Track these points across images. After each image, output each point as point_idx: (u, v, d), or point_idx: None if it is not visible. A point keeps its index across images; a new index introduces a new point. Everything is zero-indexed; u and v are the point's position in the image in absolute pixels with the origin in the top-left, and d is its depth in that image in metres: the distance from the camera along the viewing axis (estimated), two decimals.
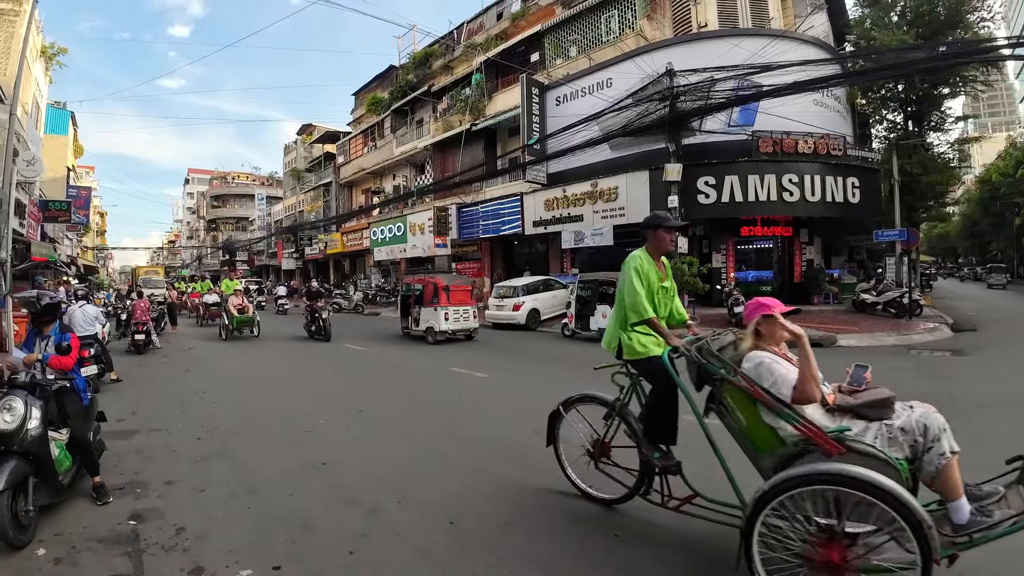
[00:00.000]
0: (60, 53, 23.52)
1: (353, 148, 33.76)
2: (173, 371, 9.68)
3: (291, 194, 45.56)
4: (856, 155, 16.58)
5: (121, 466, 4.61)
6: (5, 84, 13.07)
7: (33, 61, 18.53)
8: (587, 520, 3.47)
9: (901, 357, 9.52)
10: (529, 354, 11.13)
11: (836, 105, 18.02)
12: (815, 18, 18.39)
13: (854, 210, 16.13)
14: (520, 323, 14.95)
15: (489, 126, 22.57)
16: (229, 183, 65.99)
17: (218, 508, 3.77)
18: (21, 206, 14.83)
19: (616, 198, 16.65)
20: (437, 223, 23.21)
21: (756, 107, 14.87)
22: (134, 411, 6.58)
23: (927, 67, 14.84)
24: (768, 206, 15.27)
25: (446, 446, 5.04)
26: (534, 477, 4.14)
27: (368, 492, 3.95)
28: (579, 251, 18.92)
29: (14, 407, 3.43)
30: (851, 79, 15.45)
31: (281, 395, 7.55)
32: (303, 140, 44.35)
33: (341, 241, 33.19)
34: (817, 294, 17.20)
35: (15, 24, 15.27)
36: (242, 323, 14.09)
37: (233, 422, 6.07)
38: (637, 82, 15.13)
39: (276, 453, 4.94)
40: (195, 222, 73.09)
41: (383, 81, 32.92)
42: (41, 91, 22.59)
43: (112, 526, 3.53)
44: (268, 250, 47.71)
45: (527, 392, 7.27)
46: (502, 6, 25.21)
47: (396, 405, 6.77)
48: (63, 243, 28.47)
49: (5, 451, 3.35)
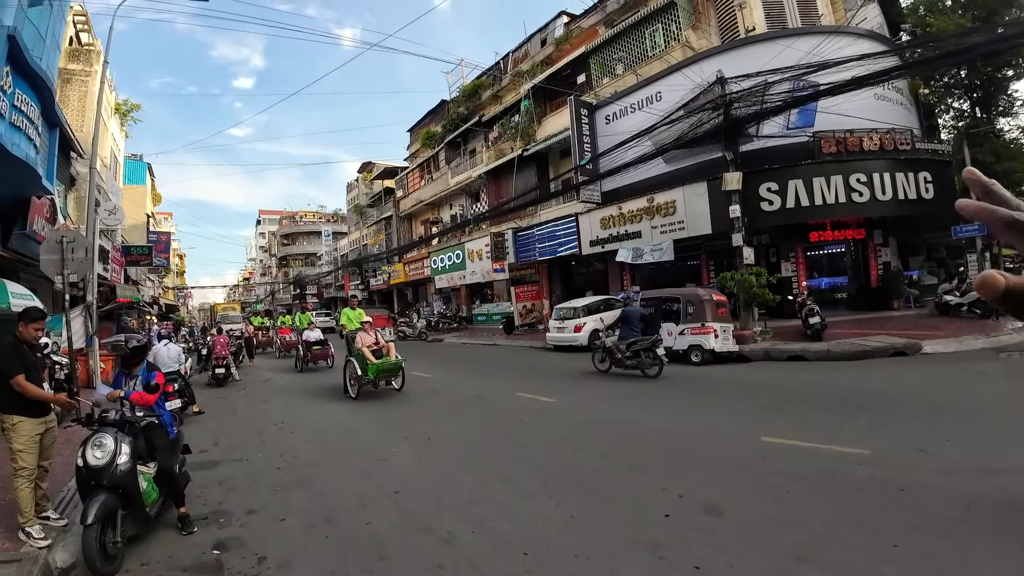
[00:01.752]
0: (134, 109, 25.58)
1: (411, 182, 34.89)
2: (252, 402, 10.13)
3: (355, 229, 47.48)
4: (925, 148, 15.54)
5: (205, 496, 4.82)
6: (83, 140, 14.28)
7: (108, 118, 20.27)
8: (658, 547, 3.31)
9: (991, 361, 8.79)
10: (594, 376, 10.93)
11: (899, 98, 17.03)
12: (867, 10, 17.59)
13: (928, 206, 15.04)
14: (582, 344, 14.74)
15: (540, 150, 22.76)
16: (297, 222, 69.58)
17: (298, 537, 3.85)
18: (105, 252, 16.06)
19: (674, 212, 16.28)
20: (494, 248, 23.46)
21: (815, 107, 14.24)
22: (216, 442, 6.90)
23: (988, 50, 13.94)
24: (837, 208, 14.49)
25: (515, 473, 4.98)
26: (603, 505, 4.01)
27: (441, 520, 3.94)
28: (639, 268, 18.57)
29: (104, 444, 3.66)
30: (911, 69, 14.59)
31: (352, 422, 7.74)
32: (364, 177, 46.28)
33: (403, 271, 34.12)
34: (897, 298, 16.07)
35: (88, 84, 16.74)
36: (384, 372, 9.36)
37: (310, 451, 6.26)
38: (687, 93, 14.86)
39: (351, 481, 5.04)
40: (267, 260, 77.26)
41: (435, 115, 33.99)
42: (118, 145, 24.54)
43: (197, 555, 3.67)
44: (336, 283, 49.68)
45: (593, 416, 7.12)
46: (545, 32, 25.59)
47: (464, 431, 6.79)
48: (145, 284, 30.72)
49: (95, 486, 3.56)
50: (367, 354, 9.18)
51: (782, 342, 12.02)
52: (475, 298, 29.35)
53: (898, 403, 6.67)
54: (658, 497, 4.10)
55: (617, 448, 5.51)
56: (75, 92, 16.83)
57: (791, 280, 16.04)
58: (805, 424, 5.95)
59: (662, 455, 5.21)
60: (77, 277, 9.46)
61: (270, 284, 67.75)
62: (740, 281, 12.92)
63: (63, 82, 16.08)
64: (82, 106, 16.60)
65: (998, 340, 10.52)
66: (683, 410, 7.25)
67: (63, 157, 13.59)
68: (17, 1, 7.96)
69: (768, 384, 8.71)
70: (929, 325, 12.57)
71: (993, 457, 4.46)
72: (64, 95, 16.01)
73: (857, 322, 13.81)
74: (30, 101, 8.64)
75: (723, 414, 6.79)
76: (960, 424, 5.57)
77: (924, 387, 7.59)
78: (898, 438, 5.22)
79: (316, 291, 52.60)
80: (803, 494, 4.00)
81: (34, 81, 8.72)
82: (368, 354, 9.19)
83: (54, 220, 11.85)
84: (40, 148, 9.50)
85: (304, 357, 14.77)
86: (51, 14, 9.87)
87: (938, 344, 10.41)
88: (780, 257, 16.35)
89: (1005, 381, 7.21)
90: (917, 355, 9.86)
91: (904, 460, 4.56)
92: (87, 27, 18.18)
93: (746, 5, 16.95)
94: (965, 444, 4.91)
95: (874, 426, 5.65)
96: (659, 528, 3.60)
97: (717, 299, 11.78)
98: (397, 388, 9.82)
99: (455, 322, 27.42)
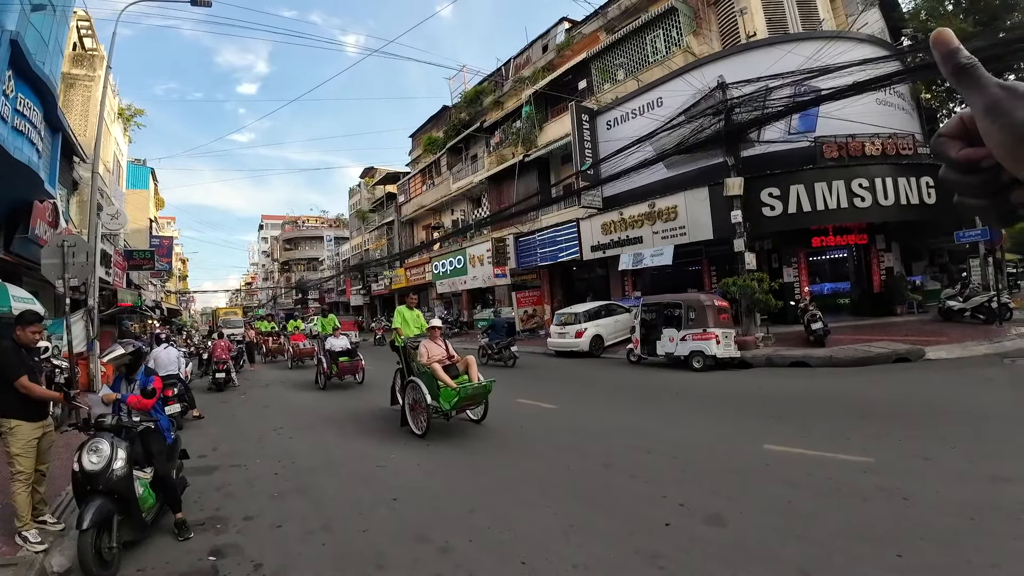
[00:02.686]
0: (137, 115, 25.67)
1: (412, 187, 34.95)
2: (252, 407, 10.10)
3: (357, 234, 47.55)
4: (928, 153, 15.51)
5: (202, 502, 4.79)
6: (86, 144, 14.25)
7: (111, 122, 20.35)
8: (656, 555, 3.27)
9: (995, 367, 8.77)
10: (595, 382, 10.89)
11: (901, 103, 17.02)
12: (868, 15, 17.63)
13: (931, 211, 15.00)
14: (583, 350, 14.70)
15: (541, 156, 22.77)
16: (299, 227, 69.77)
17: (295, 544, 3.82)
18: (107, 256, 16.09)
19: (676, 217, 16.26)
20: (496, 254, 23.45)
21: (816, 112, 14.24)
22: (215, 447, 6.87)
23: (990, 54, 13.97)
24: (839, 214, 14.45)
25: (514, 481, 4.94)
26: (604, 514, 3.97)
27: (438, 529, 3.90)
28: (641, 273, 18.54)
29: (100, 449, 3.64)
30: (913, 74, 14.61)
31: (352, 429, 7.69)
32: (366, 183, 46.40)
33: (405, 276, 34.12)
34: (900, 304, 16.01)
35: (91, 89, 16.81)
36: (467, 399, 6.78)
37: (309, 457, 6.22)
38: (688, 99, 14.88)
39: (350, 488, 5.00)
40: (270, 264, 77.42)
41: (437, 121, 34.09)
42: (121, 150, 24.64)
43: (193, 562, 3.64)
44: (337, 288, 49.72)
45: (595, 423, 7.07)
46: (547, 38, 25.67)
47: (464, 438, 6.73)
48: (147, 289, 30.78)
49: (91, 491, 3.54)
50: (439, 373, 6.61)
51: (784, 348, 11.97)
52: (476, 303, 29.32)
53: (902, 410, 6.61)
54: (659, 506, 4.06)
55: (618, 456, 5.47)
56: (78, 97, 16.89)
57: (793, 286, 15.99)
58: (808, 432, 5.90)
59: (664, 463, 5.17)
60: (78, 281, 9.47)
61: (272, 289, 67.84)
62: (742, 287, 12.88)
63: (66, 87, 16.12)
64: (85, 111, 16.67)
65: (1001, 346, 10.47)
66: (685, 417, 7.20)
67: (66, 161, 13.63)
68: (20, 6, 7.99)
69: (770, 391, 8.66)
70: (932, 331, 12.52)
71: (998, 465, 4.41)
72: (67, 100, 16.06)
73: (860, 328, 13.75)
74: (33, 105, 8.68)
75: (725, 422, 6.74)
76: (964, 431, 5.52)
77: (928, 394, 7.53)
78: (902, 446, 5.17)
79: (318, 296, 52.68)
80: (806, 503, 3.95)
81: (37, 85, 8.76)
82: (440, 372, 6.62)
83: (56, 224, 11.88)
84: (42, 152, 9.53)
85: (328, 371, 11.92)
86: (54, 19, 9.91)
87: (942, 350, 10.35)
88: (782, 263, 16.30)
89: (1010, 388, 7.16)
90: (920, 361, 9.80)
91: (908, 468, 4.51)
92: (91, 32, 18.27)
93: (747, 11, 16.99)
94: (969, 452, 4.85)
95: (878, 434, 5.60)
96: (660, 538, 3.55)
97: (719, 305, 11.73)
98: (476, 420, 7.31)
99: (456, 327, 27.37)
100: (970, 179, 0.52)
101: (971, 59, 0.50)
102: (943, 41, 0.51)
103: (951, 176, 0.54)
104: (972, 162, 0.51)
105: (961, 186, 0.53)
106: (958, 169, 0.52)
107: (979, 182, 0.52)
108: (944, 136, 0.54)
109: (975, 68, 0.50)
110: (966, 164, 0.51)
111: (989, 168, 0.50)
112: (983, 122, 0.48)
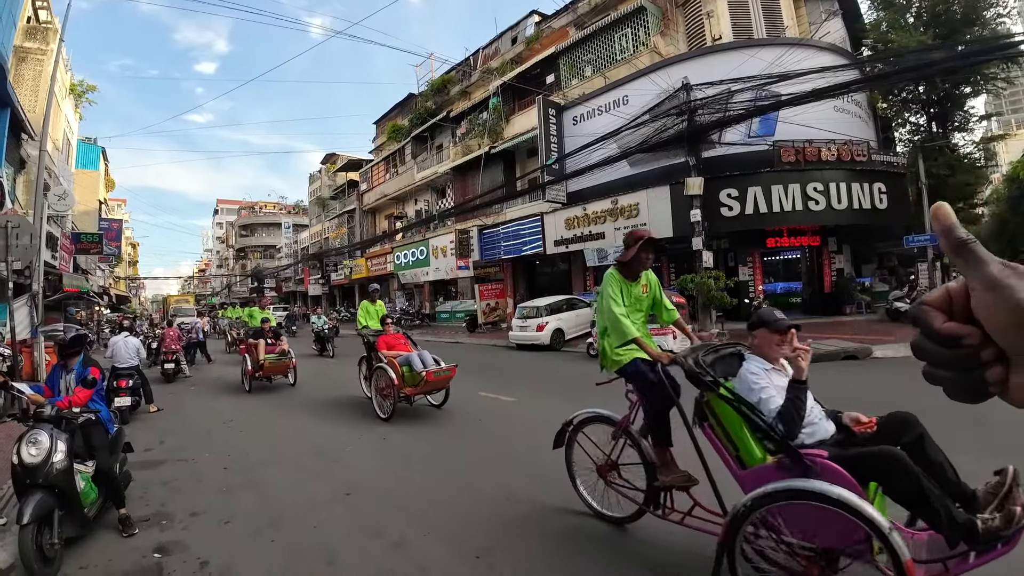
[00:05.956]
0: (89, 91, 24.38)
1: (375, 175, 34.36)
2: (202, 400, 9.78)
3: (316, 222, 46.48)
4: (881, 160, 16.23)
5: (147, 497, 4.62)
6: (35, 121, 13.49)
7: (63, 98, 19.27)
8: (614, 549, 3.33)
9: None
10: (555, 375, 10.98)
11: (857, 111, 17.72)
12: (830, 24, 18.22)
13: (882, 216, 15.73)
14: (544, 343, 14.80)
15: (507, 148, 22.75)
16: (257, 213, 67.70)
17: (243, 541, 3.72)
18: (53, 239, 15.29)
19: (637, 214, 16.52)
20: (459, 245, 23.35)
21: (776, 117, 14.68)
22: (162, 440, 6.63)
23: (947, 67, 14.61)
24: (793, 216, 14.98)
25: (472, 474, 4.93)
26: (562, 506, 4.01)
27: (393, 524, 3.86)
28: (601, 269, 18.78)
29: (39, 441, 3.47)
30: (871, 83, 15.23)
31: (307, 422, 7.53)
32: (327, 169, 45.36)
33: (366, 266, 33.62)
34: (849, 304, 16.73)
35: (43, 63, 15.90)
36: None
37: (260, 451, 6.07)
38: (653, 98, 15.10)
39: (302, 482, 4.90)
40: (224, 251, 74.99)
41: (403, 109, 33.58)
42: (72, 127, 23.42)
43: (137, 559, 3.51)
44: (295, 277, 48.59)
45: (555, 415, 7.11)
46: (516, 31, 25.60)
47: (422, 430, 6.69)
48: (95, 274, 29.43)
49: (31, 484, 3.38)
50: (394, 364, 7.29)
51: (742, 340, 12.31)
52: (438, 295, 29.14)
53: (848, 405, 6.88)
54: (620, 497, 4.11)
55: None
56: (30, 71, 15.98)
57: (748, 284, 16.50)
58: None
59: None
60: (22, 264, 9.00)
61: (226, 276, 65.74)
62: (699, 284, 13.20)
63: (18, 60, 15.25)
64: (36, 86, 15.77)
65: None
66: None
67: (13, 138, 12.90)
68: None
69: None
70: (880, 331, 13.09)
71: None
72: (18, 74, 15.18)
73: (810, 326, 14.24)
74: None
75: None
76: None
77: (873, 390, 7.88)
78: None
79: (275, 285, 51.33)
80: None
81: None
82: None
83: (1, 204, 11.23)
84: None
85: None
86: None
87: (888, 349, 10.81)
88: (738, 261, 16.80)
89: None
90: (868, 359, 10.22)
91: None
92: (46, 4, 17.25)
93: (714, 14, 17.32)
94: None
95: None
96: (620, 528, 3.62)
97: (676, 301, 11.97)
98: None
99: (418, 319, 27.15)
100: (947, 352, 0.52)
101: (970, 236, 0.50)
102: (941, 216, 0.52)
103: (927, 346, 0.53)
104: (955, 337, 0.51)
105: (936, 357, 0.53)
106: (937, 341, 0.52)
107: (955, 357, 0.51)
108: (928, 305, 0.54)
109: (975, 244, 0.50)
110: (948, 337, 0.51)
111: (970, 344, 0.50)
112: (984, 296, 0.48)
